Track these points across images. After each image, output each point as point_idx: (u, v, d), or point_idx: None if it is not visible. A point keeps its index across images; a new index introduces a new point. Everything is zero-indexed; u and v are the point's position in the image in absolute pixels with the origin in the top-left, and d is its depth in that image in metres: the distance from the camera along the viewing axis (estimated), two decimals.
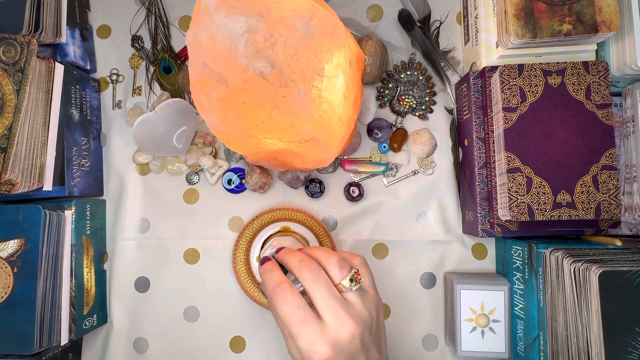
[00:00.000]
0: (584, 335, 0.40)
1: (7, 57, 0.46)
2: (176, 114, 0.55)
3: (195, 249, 0.58)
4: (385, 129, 0.57)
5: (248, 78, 0.37)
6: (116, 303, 0.58)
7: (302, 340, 0.36)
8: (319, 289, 0.37)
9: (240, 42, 0.36)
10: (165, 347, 0.58)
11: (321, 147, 0.44)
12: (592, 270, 0.39)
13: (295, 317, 0.37)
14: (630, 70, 0.47)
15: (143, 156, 0.59)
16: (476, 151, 0.52)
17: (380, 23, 0.58)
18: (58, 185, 0.52)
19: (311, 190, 0.57)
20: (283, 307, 0.37)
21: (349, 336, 0.36)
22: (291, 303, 0.37)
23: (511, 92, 0.47)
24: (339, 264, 0.39)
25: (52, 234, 0.49)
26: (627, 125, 0.50)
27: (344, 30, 0.43)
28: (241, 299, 0.57)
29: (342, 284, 0.38)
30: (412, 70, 0.57)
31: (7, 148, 0.46)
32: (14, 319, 0.46)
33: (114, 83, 0.60)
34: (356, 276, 0.39)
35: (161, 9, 0.60)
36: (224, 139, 0.45)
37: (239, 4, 0.36)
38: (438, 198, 0.57)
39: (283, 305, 0.37)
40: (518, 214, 0.46)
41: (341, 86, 0.42)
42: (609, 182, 0.45)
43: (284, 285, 0.38)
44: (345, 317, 0.37)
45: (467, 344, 0.51)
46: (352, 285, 0.38)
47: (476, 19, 0.53)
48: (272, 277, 0.40)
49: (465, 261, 0.57)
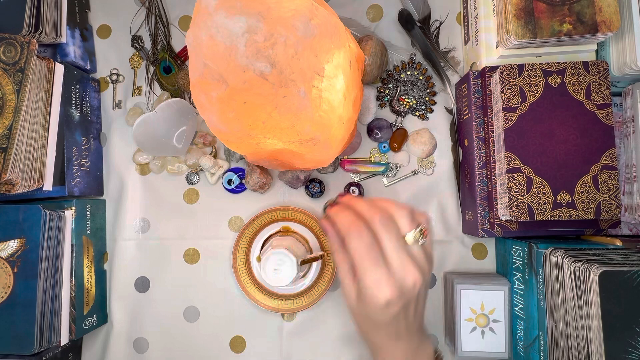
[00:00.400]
0: (584, 335, 0.40)
1: (7, 57, 0.46)
2: (176, 114, 0.55)
3: (195, 249, 0.58)
4: (385, 129, 0.57)
5: (248, 78, 0.37)
6: (116, 303, 0.58)
7: (370, 278, 0.37)
8: (389, 235, 0.38)
9: (240, 42, 0.36)
10: (165, 347, 0.58)
11: (321, 147, 0.44)
12: (592, 270, 0.39)
13: (367, 255, 0.38)
14: (630, 70, 0.47)
15: (143, 156, 0.59)
16: (476, 151, 0.52)
17: (380, 23, 0.58)
18: (58, 185, 0.52)
19: (311, 190, 0.57)
20: (357, 242, 0.38)
21: (411, 284, 0.38)
22: (366, 240, 0.38)
23: (511, 92, 0.47)
24: (410, 217, 0.40)
25: (52, 234, 0.49)
26: (627, 125, 0.50)
27: (344, 30, 0.43)
28: (241, 299, 0.57)
29: (409, 237, 0.39)
30: (412, 70, 0.57)
31: (7, 148, 0.46)
32: (14, 319, 0.46)
33: (114, 83, 0.60)
34: (424, 231, 0.40)
35: (161, 9, 0.60)
36: (224, 139, 0.45)
37: (239, 4, 0.36)
38: (438, 198, 0.57)
39: (358, 240, 0.38)
40: (518, 214, 0.45)
41: (341, 86, 0.42)
42: (609, 182, 0.45)
43: (360, 223, 0.39)
44: (411, 266, 0.38)
45: (467, 344, 0.51)
46: (419, 238, 0.40)
47: (476, 19, 0.53)
48: (346, 215, 0.40)
49: (465, 261, 0.57)
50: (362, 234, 0.38)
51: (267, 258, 0.47)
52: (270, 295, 0.56)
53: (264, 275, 0.47)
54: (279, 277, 0.47)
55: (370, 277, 0.38)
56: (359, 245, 0.38)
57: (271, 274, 0.47)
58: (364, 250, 0.38)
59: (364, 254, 0.38)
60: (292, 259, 0.47)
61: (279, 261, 0.47)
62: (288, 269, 0.47)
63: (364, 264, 0.38)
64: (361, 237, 0.38)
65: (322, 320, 0.57)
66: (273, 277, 0.47)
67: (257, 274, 0.55)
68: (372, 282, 0.38)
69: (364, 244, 0.38)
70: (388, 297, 0.37)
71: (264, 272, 0.47)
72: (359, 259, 0.38)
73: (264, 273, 0.47)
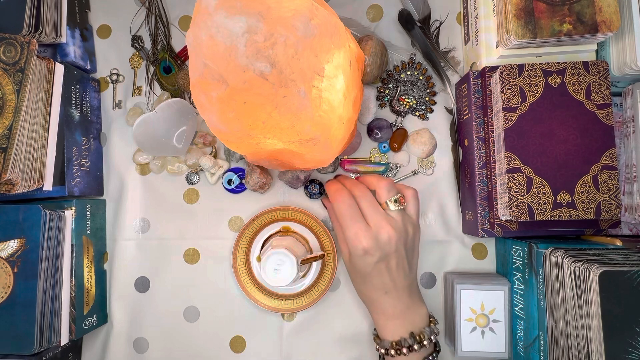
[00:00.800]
0: (584, 335, 0.40)
1: (7, 57, 0.46)
2: (176, 114, 0.55)
3: (195, 249, 0.58)
4: (385, 129, 0.57)
5: (248, 78, 0.37)
6: (116, 303, 0.58)
7: (350, 231, 0.46)
8: (365, 198, 0.48)
9: (240, 42, 0.36)
10: (165, 347, 0.58)
11: (321, 147, 0.44)
12: (592, 270, 0.39)
13: (347, 213, 0.47)
14: (630, 70, 0.47)
15: (143, 156, 0.59)
16: (476, 151, 0.52)
17: (380, 23, 0.58)
18: (58, 185, 0.52)
19: (310, 191, 0.57)
20: (340, 205, 0.48)
21: (385, 237, 0.46)
22: (347, 203, 0.48)
23: (511, 92, 0.47)
24: (387, 187, 0.48)
25: (52, 234, 0.49)
26: (627, 125, 0.50)
27: (344, 30, 0.43)
28: (241, 299, 0.57)
29: (387, 203, 0.48)
30: (412, 70, 0.57)
31: (7, 148, 0.46)
32: (14, 319, 0.46)
33: (114, 83, 0.60)
34: (400, 199, 0.48)
35: (161, 9, 0.60)
36: (224, 139, 0.45)
37: (239, 4, 0.36)
38: (438, 198, 0.57)
39: (341, 203, 0.48)
40: (518, 214, 0.46)
41: (341, 86, 0.42)
42: (609, 182, 0.45)
43: (343, 190, 0.49)
44: (384, 223, 0.46)
45: (467, 344, 0.51)
46: (395, 205, 0.48)
47: (476, 19, 0.53)
48: (333, 184, 0.51)
49: (465, 261, 0.57)
50: (344, 197, 0.48)
51: (267, 258, 0.47)
52: (270, 295, 0.56)
53: (264, 275, 0.47)
54: (279, 277, 0.47)
55: (350, 230, 0.46)
56: (341, 206, 0.48)
57: (271, 274, 0.47)
58: (345, 210, 0.47)
59: (345, 212, 0.47)
60: (292, 259, 0.47)
61: (279, 261, 0.47)
62: (288, 269, 0.47)
63: (345, 221, 0.47)
64: (344, 200, 0.48)
65: (322, 320, 0.57)
66: (273, 277, 0.47)
67: (257, 274, 0.55)
68: (352, 234, 0.46)
69: (345, 205, 0.47)
70: (365, 246, 0.46)
71: (264, 272, 0.47)
72: (342, 218, 0.47)
73: (264, 273, 0.47)
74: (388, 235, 0.46)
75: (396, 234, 0.46)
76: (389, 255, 0.46)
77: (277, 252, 0.47)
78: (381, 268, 0.47)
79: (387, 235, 0.46)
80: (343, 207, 0.47)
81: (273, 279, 0.47)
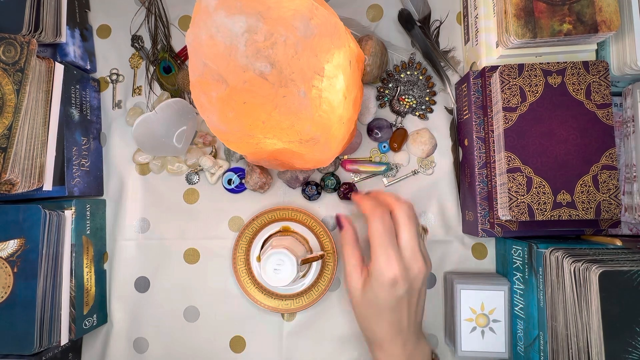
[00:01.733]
0: (584, 335, 0.40)
1: (7, 57, 0.46)
2: (176, 114, 0.55)
3: (195, 249, 0.58)
4: (385, 128, 0.57)
5: (248, 78, 0.37)
6: (116, 303, 0.58)
7: (383, 256, 0.42)
8: (410, 226, 0.44)
9: (240, 41, 0.36)
10: (165, 347, 0.58)
11: (321, 147, 0.44)
12: (592, 270, 0.39)
13: (385, 236, 0.42)
14: (630, 70, 0.47)
15: (143, 156, 0.59)
16: (476, 151, 0.52)
17: (380, 23, 0.58)
18: (58, 185, 0.52)
19: (308, 193, 0.57)
20: (379, 224, 0.43)
21: (417, 271, 0.43)
22: (387, 224, 0.43)
23: (511, 92, 0.47)
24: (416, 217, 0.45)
25: (52, 234, 0.49)
26: (627, 125, 0.50)
27: (344, 30, 0.43)
28: (241, 299, 0.57)
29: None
30: (412, 70, 0.57)
31: (7, 148, 0.46)
32: (14, 319, 0.46)
33: (114, 83, 0.60)
34: (426, 229, 0.47)
35: (161, 8, 0.60)
36: (224, 139, 0.45)
37: (239, 4, 0.36)
38: (438, 198, 0.57)
39: (380, 222, 0.43)
40: (518, 214, 0.45)
41: (341, 86, 0.42)
42: (609, 182, 0.45)
43: (384, 208, 0.44)
44: (419, 255, 0.43)
45: (467, 344, 0.51)
46: (422, 234, 0.46)
47: (476, 19, 0.53)
48: (369, 200, 0.45)
49: (465, 261, 0.57)
50: (384, 217, 0.43)
51: (267, 258, 0.47)
52: (270, 295, 0.56)
53: (264, 275, 0.47)
54: (279, 277, 0.47)
55: (383, 255, 0.42)
56: (379, 226, 0.43)
57: (271, 274, 0.47)
58: (382, 231, 0.42)
59: (383, 235, 0.42)
60: (292, 259, 0.47)
61: (279, 261, 0.47)
62: (288, 269, 0.47)
63: (381, 243, 0.42)
64: (383, 220, 0.43)
65: (322, 320, 0.57)
66: (273, 277, 0.47)
67: (257, 274, 0.55)
68: (384, 260, 0.42)
69: (383, 227, 0.43)
70: (396, 274, 0.41)
71: (264, 272, 0.47)
72: (377, 239, 0.42)
73: (264, 273, 0.47)
74: (419, 269, 0.43)
75: (425, 269, 0.43)
76: (414, 291, 0.43)
77: (277, 252, 0.47)
78: (403, 303, 0.43)
79: (419, 269, 0.43)
80: (381, 229, 0.43)
81: (273, 279, 0.47)
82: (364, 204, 0.45)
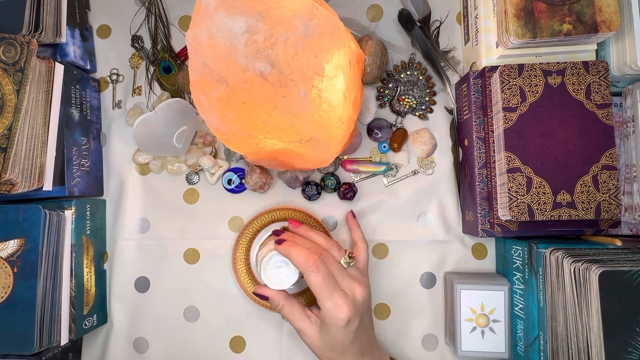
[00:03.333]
0: (584, 335, 0.40)
1: (7, 57, 0.46)
2: (176, 114, 0.55)
3: (195, 249, 0.58)
4: (385, 129, 0.57)
5: (248, 78, 0.37)
6: (116, 303, 0.58)
7: (331, 302, 0.43)
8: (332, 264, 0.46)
9: (240, 42, 0.36)
10: (165, 347, 0.58)
11: (321, 147, 0.44)
12: (592, 270, 0.39)
13: (325, 284, 0.43)
14: (630, 70, 0.47)
15: (143, 156, 0.59)
16: (476, 151, 0.52)
17: (380, 23, 0.58)
18: (58, 185, 0.52)
19: (308, 193, 0.57)
20: (316, 276, 0.44)
21: (360, 298, 0.45)
22: (323, 272, 0.44)
23: (511, 92, 0.47)
24: (337, 247, 0.48)
25: (52, 234, 0.49)
26: (627, 125, 0.50)
27: (344, 30, 0.43)
28: (241, 299, 0.57)
29: (342, 262, 0.47)
30: (412, 70, 0.57)
31: (7, 148, 0.46)
32: (14, 319, 0.46)
33: (114, 83, 0.60)
34: (351, 254, 0.48)
35: (161, 9, 0.60)
36: (224, 139, 0.45)
37: (239, 4, 0.36)
38: (438, 198, 0.57)
39: (315, 274, 0.44)
40: (518, 214, 0.46)
41: (341, 86, 0.42)
42: (609, 182, 0.45)
43: (314, 256, 0.44)
44: (355, 284, 0.45)
45: (467, 344, 0.51)
46: (350, 261, 0.47)
47: (476, 19, 0.53)
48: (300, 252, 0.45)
49: (465, 261, 0.57)
50: (319, 267, 0.44)
51: (268, 259, 0.47)
52: None
53: (264, 276, 0.47)
54: (279, 277, 0.47)
55: (331, 302, 0.43)
56: (317, 278, 0.43)
57: (271, 274, 0.47)
58: (322, 282, 0.43)
59: (323, 284, 0.43)
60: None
61: (280, 261, 0.47)
62: (288, 269, 0.47)
63: (323, 292, 0.43)
64: (319, 270, 0.44)
65: None
66: (273, 277, 0.47)
67: (257, 274, 0.55)
68: (333, 305, 0.43)
69: (321, 277, 0.43)
70: (348, 315, 0.43)
71: (265, 272, 0.47)
72: (319, 289, 0.43)
73: (264, 273, 0.47)
74: (362, 295, 0.45)
75: (366, 291, 0.45)
76: (364, 315, 0.45)
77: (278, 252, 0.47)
78: (360, 331, 0.45)
79: (362, 295, 0.45)
80: (320, 279, 0.43)
81: (273, 279, 0.47)
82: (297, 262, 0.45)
